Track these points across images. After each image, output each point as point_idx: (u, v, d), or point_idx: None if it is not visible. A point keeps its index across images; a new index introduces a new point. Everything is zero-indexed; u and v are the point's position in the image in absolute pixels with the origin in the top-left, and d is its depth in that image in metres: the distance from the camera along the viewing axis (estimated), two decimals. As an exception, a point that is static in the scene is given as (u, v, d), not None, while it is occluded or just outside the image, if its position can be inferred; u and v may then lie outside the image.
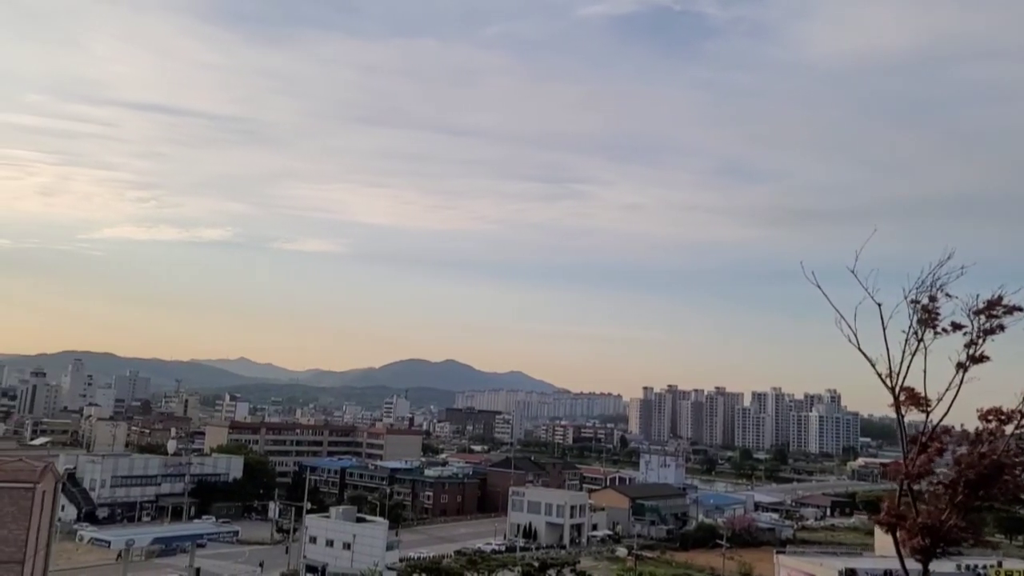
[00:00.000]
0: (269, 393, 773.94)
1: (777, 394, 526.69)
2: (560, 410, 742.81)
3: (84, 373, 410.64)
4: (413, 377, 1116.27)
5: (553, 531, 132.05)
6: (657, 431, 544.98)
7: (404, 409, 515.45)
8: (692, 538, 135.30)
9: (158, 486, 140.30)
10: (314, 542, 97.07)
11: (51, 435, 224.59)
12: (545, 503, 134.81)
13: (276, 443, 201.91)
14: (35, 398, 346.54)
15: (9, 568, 57.84)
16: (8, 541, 58.13)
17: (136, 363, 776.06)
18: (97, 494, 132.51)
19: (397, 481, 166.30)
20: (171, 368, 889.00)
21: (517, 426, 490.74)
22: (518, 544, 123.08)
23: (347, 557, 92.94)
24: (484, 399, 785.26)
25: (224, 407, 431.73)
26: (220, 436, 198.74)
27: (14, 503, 58.88)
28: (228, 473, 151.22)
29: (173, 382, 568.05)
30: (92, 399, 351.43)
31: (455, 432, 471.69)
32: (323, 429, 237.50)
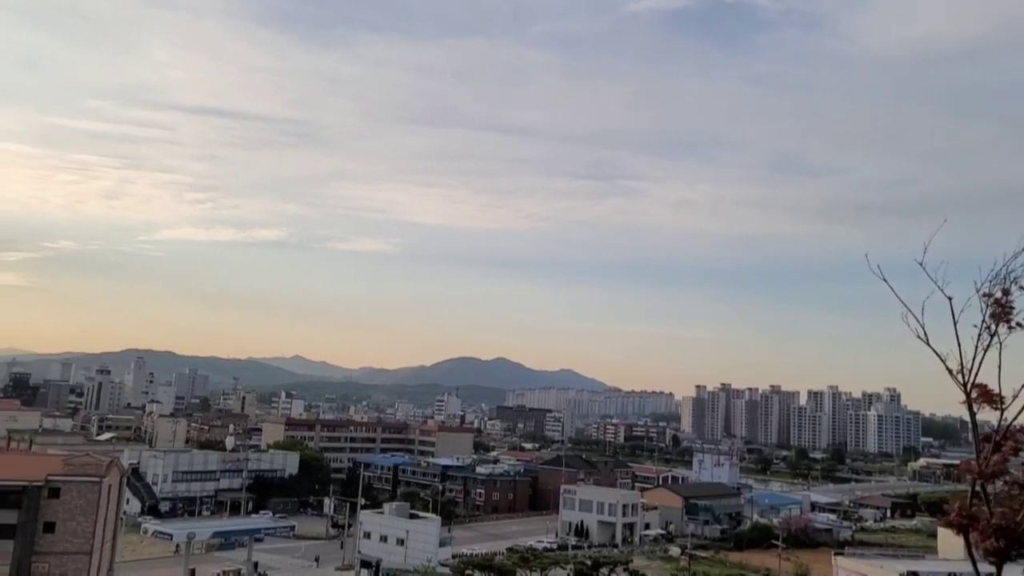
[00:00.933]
0: (323, 391, 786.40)
1: (834, 392, 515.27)
2: (611, 408, 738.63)
3: (146, 371, 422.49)
4: (464, 375, 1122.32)
5: (605, 530, 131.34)
6: (710, 430, 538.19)
7: (455, 407, 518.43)
8: (747, 538, 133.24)
9: (217, 481, 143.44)
10: (368, 538, 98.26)
11: (116, 431, 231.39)
12: (597, 502, 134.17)
13: (331, 440, 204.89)
14: (100, 395, 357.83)
15: (78, 559, 59.88)
16: (77, 533, 60.21)
17: (195, 361, 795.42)
18: (159, 488, 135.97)
19: (449, 478, 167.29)
20: (228, 366, 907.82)
21: (568, 424, 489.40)
22: (570, 542, 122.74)
23: (401, 553, 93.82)
24: (534, 397, 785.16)
25: (280, 404, 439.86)
26: (276, 433, 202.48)
27: (82, 496, 60.97)
28: (284, 469, 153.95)
29: (231, 380, 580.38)
30: (154, 396, 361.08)
31: (506, 430, 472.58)
32: (376, 426, 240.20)
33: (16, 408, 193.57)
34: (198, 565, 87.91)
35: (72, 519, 60.20)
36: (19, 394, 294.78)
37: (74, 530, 60.05)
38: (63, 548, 59.14)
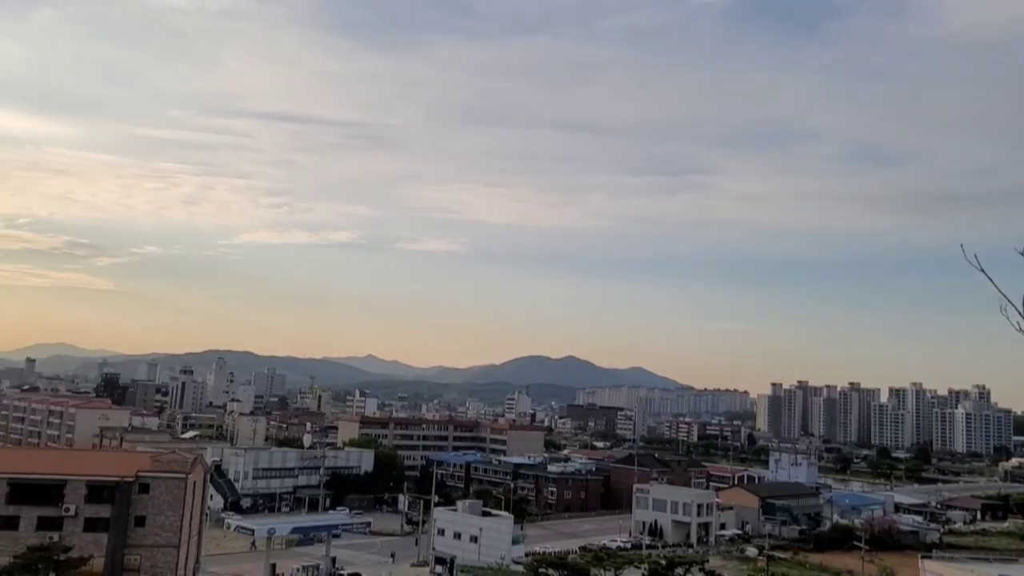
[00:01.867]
0: (396, 389, 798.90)
1: (917, 390, 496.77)
2: (683, 407, 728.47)
3: (226, 371, 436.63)
4: (534, 373, 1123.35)
5: (679, 529, 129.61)
6: (786, 428, 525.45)
7: (525, 405, 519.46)
8: (827, 539, 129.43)
9: (295, 478, 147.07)
10: (442, 534, 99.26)
11: (199, 429, 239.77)
12: (671, 501, 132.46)
13: (404, 437, 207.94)
14: (184, 394, 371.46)
15: (167, 552, 62.21)
16: (165, 527, 62.56)
17: (273, 361, 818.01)
18: (241, 485, 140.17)
19: (521, 476, 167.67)
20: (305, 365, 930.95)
21: (639, 423, 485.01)
22: (644, 542, 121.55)
23: (474, 550, 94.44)
24: (605, 396, 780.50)
25: (354, 403, 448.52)
26: (351, 430, 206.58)
27: (170, 492, 63.33)
28: (360, 466, 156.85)
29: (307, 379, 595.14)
30: (234, 395, 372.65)
31: (576, 428, 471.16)
32: (448, 424, 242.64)
33: (107, 407, 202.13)
34: (278, 560, 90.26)
35: (161, 514, 62.62)
36: (110, 394, 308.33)
37: (163, 524, 62.45)
38: (153, 541, 61.55)
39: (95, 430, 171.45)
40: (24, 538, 57.98)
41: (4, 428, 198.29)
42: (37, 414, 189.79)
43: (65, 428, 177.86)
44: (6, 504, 59.36)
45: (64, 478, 61.24)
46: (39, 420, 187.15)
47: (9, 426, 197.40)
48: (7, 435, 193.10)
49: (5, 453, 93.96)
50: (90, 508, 60.70)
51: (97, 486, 61.34)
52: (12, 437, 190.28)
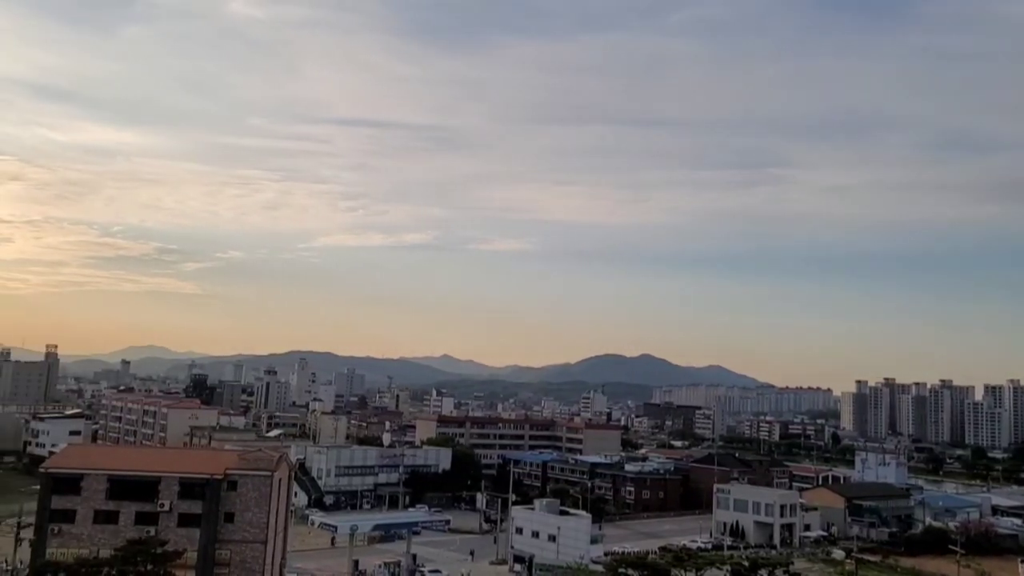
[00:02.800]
0: (471, 388, 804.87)
1: (1015, 387, 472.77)
2: (764, 405, 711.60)
3: (308, 371, 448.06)
4: (609, 372, 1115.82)
5: (762, 530, 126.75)
6: (873, 428, 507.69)
7: (601, 404, 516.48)
8: (919, 542, 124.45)
9: (376, 476, 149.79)
10: (520, 533, 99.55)
11: (283, 428, 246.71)
12: (753, 501, 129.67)
13: (480, 436, 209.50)
14: (268, 394, 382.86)
15: (255, 547, 64.12)
16: (253, 523, 64.47)
17: (352, 361, 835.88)
18: (324, 482, 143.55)
19: (598, 475, 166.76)
20: (383, 365, 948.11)
21: (718, 422, 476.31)
22: (725, 542, 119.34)
23: (552, 549, 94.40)
24: (682, 394, 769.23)
25: (431, 402, 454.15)
26: (429, 429, 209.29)
27: (256, 489, 65.20)
28: (438, 464, 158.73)
29: (385, 378, 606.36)
30: (316, 395, 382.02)
31: (653, 427, 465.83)
32: (524, 423, 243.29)
33: (197, 407, 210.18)
34: (361, 556, 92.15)
35: (248, 510, 64.56)
36: (199, 394, 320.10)
37: (250, 520, 64.38)
38: (241, 537, 63.53)
39: (186, 429, 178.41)
40: (124, 532, 60.71)
41: (103, 427, 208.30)
42: (132, 414, 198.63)
43: (158, 427, 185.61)
44: (106, 499, 62.22)
45: (159, 475, 63.80)
46: (134, 419, 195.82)
47: (107, 425, 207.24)
48: (106, 433, 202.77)
49: (105, 451, 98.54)
50: (183, 504, 63.06)
51: (189, 483, 63.65)
52: (110, 435, 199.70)
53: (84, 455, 73.24)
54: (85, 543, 60.32)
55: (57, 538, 60.59)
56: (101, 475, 62.97)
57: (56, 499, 61.84)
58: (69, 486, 62.30)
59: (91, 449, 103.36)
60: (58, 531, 60.76)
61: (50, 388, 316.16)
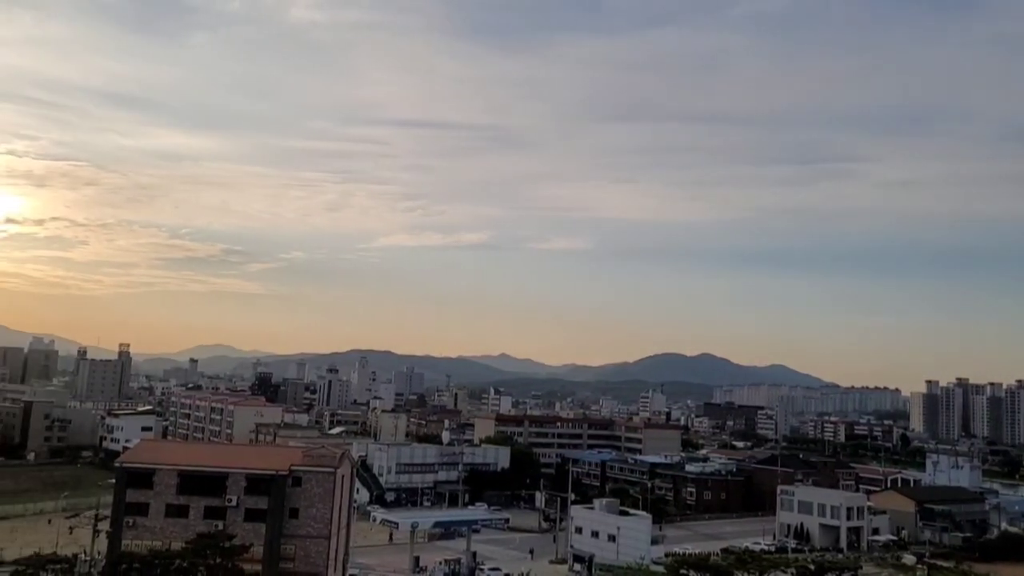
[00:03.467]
0: (529, 387, 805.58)
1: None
2: (829, 405, 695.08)
3: (369, 370, 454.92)
4: (668, 371, 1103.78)
5: (827, 533, 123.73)
6: (944, 429, 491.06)
7: (660, 403, 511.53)
8: (994, 548, 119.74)
9: (435, 473, 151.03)
10: (580, 532, 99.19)
11: (345, 425, 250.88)
12: (818, 503, 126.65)
13: (538, 435, 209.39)
14: (330, 392, 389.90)
15: (319, 542, 65.32)
16: (317, 519, 65.71)
17: (411, 360, 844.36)
18: (385, 479, 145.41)
19: (658, 476, 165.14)
20: (441, 364, 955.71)
21: (781, 422, 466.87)
22: (789, 545, 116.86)
23: (612, 549, 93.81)
24: (743, 394, 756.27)
25: (489, 401, 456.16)
26: (487, 428, 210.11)
27: (320, 485, 66.42)
28: (496, 463, 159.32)
29: (443, 377, 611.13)
30: (376, 393, 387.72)
31: (714, 427, 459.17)
32: (582, 422, 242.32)
33: (262, 404, 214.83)
34: (421, 553, 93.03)
35: (312, 506, 65.83)
36: (263, 391, 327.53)
37: (314, 516, 65.64)
38: (305, 532, 64.82)
39: (251, 426, 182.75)
40: (193, 525, 62.57)
41: (173, 423, 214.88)
42: (201, 411, 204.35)
43: (225, 424, 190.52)
44: (177, 494, 64.19)
45: (226, 471, 65.53)
46: (203, 416, 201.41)
47: (177, 422, 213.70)
48: (175, 430, 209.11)
49: (175, 447, 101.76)
50: (250, 499, 64.62)
51: (255, 479, 65.20)
52: (180, 432, 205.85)
53: (156, 451, 75.68)
54: (158, 536, 62.34)
55: (132, 530, 62.74)
56: (172, 470, 65.02)
57: (130, 493, 64.07)
58: (142, 481, 64.47)
59: (162, 445, 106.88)
60: (133, 523, 62.91)
61: (123, 386, 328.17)
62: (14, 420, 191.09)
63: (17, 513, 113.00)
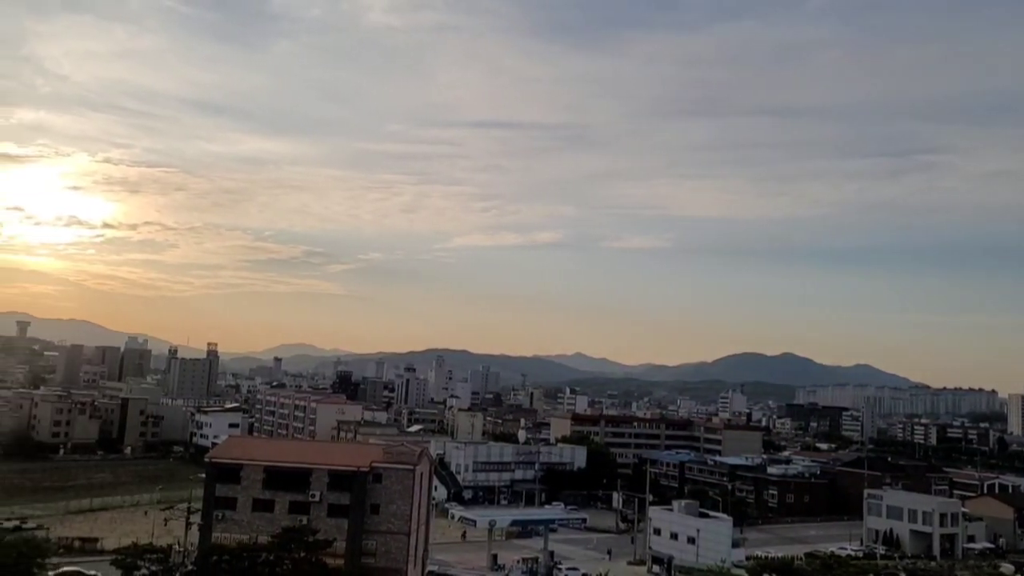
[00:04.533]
0: (605, 387, 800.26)
1: None
2: (918, 407, 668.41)
3: (445, 368, 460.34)
4: (748, 371, 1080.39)
5: (919, 540, 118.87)
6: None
7: (740, 404, 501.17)
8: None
9: (512, 472, 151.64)
10: (658, 534, 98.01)
11: (422, 423, 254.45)
12: (908, 509, 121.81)
13: (615, 435, 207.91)
14: (408, 390, 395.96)
15: (399, 538, 66.30)
16: (397, 515, 66.72)
17: (487, 359, 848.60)
18: (462, 477, 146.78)
19: (738, 478, 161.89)
20: (516, 363, 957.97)
21: (867, 424, 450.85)
22: (878, 551, 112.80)
23: (691, 551, 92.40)
24: (827, 394, 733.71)
25: (565, 400, 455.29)
26: (563, 427, 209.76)
27: (399, 482, 67.42)
28: (573, 462, 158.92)
29: (519, 376, 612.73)
30: (452, 392, 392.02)
31: (796, 429, 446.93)
32: (659, 423, 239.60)
33: (343, 402, 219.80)
34: (499, 551, 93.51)
35: (392, 502, 66.89)
36: (344, 390, 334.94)
37: (394, 512, 66.68)
38: (386, 528, 65.91)
39: (333, 423, 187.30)
40: (279, 520, 64.37)
41: (258, 420, 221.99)
42: (285, 408, 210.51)
43: (308, 421, 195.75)
44: (263, 489, 66.16)
45: (310, 467, 67.19)
46: (286, 414, 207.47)
47: (262, 418, 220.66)
48: (260, 426, 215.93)
49: (261, 443, 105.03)
50: (332, 495, 66.09)
51: (337, 475, 66.64)
52: (265, 428, 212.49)
53: (243, 447, 78.22)
54: (245, 529, 64.39)
55: (221, 523, 64.99)
56: (258, 466, 67.04)
57: (219, 487, 66.33)
58: (230, 476, 66.68)
59: (249, 441, 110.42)
60: (222, 517, 65.17)
61: (211, 383, 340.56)
62: (112, 416, 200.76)
63: (116, 504, 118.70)
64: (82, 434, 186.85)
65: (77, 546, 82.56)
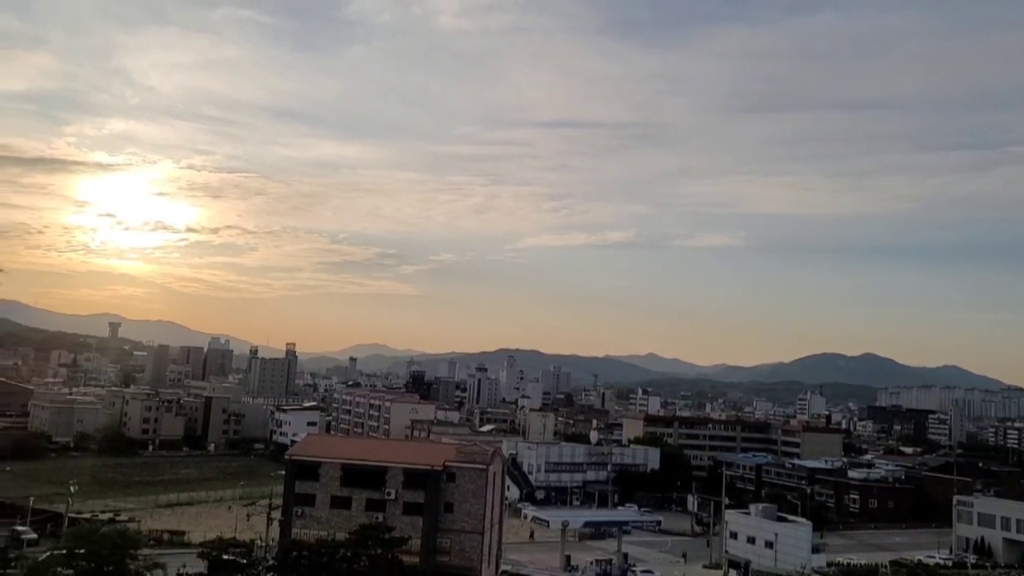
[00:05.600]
0: (677, 387, 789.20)
1: None
2: (1012, 410, 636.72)
3: (516, 368, 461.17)
4: (826, 372, 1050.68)
5: (1014, 549, 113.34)
6: None
7: (819, 406, 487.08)
8: None
9: (584, 473, 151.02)
10: (735, 538, 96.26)
11: (494, 423, 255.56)
12: (1001, 516, 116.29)
13: (689, 437, 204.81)
14: (480, 390, 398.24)
15: (472, 537, 66.83)
16: (470, 514, 67.27)
17: (557, 359, 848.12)
18: (534, 478, 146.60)
19: (818, 481, 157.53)
20: (587, 363, 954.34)
21: (955, 427, 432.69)
22: (968, 560, 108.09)
23: (769, 556, 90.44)
24: (911, 396, 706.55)
25: (637, 401, 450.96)
26: (636, 428, 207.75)
27: (472, 481, 67.97)
28: (646, 464, 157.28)
29: (590, 377, 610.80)
30: (524, 392, 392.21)
31: (878, 432, 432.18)
32: (735, 424, 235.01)
33: (416, 402, 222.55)
34: (572, 552, 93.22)
35: (466, 501, 67.47)
36: (417, 389, 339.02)
37: (468, 511, 67.24)
38: (460, 527, 66.53)
39: (407, 422, 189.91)
40: (356, 517, 65.69)
41: (335, 419, 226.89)
42: (360, 407, 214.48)
43: (382, 420, 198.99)
44: (340, 486, 67.62)
45: (386, 465, 68.35)
46: (362, 413, 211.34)
47: (338, 417, 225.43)
48: (337, 425, 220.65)
49: (338, 441, 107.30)
50: (407, 493, 67.08)
51: (412, 473, 67.60)
52: (341, 427, 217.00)
53: (321, 445, 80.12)
54: (323, 525, 65.92)
55: (300, 520, 66.70)
56: (336, 464, 68.55)
57: (299, 484, 68.10)
58: (309, 473, 68.38)
59: (327, 439, 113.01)
60: (301, 513, 66.88)
61: (290, 383, 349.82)
62: (196, 414, 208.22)
63: (201, 499, 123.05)
64: (169, 431, 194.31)
65: (166, 539, 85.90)
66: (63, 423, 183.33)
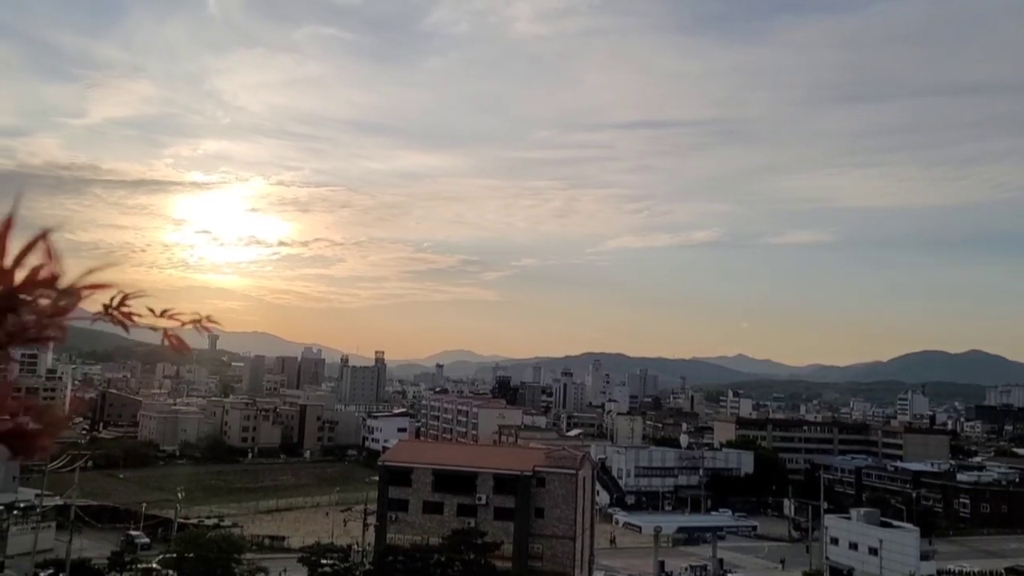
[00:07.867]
0: (769, 389, 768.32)
1: None
2: None
3: (602, 372, 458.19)
4: (928, 370, 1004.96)
5: None
6: None
7: (922, 406, 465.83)
8: None
9: (675, 477, 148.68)
10: (835, 543, 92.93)
11: (581, 427, 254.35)
12: None
13: (783, 439, 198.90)
14: (566, 395, 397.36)
15: (564, 543, 66.66)
16: (561, 519, 67.15)
17: (644, 362, 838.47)
18: (624, 482, 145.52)
19: (923, 485, 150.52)
20: (674, 365, 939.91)
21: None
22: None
23: (874, 563, 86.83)
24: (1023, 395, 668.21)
25: (727, 403, 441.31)
26: (727, 431, 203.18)
27: (562, 486, 67.86)
28: (739, 468, 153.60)
29: (677, 379, 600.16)
30: (610, 395, 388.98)
31: (989, 433, 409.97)
32: (831, 426, 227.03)
33: (503, 407, 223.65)
34: (665, 558, 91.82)
35: (556, 506, 67.39)
36: (503, 394, 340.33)
37: (559, 516, 67.14)
38: (551, 532, 66.47)
39: (494, 427, 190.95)
40: (448, 522, 66.44)
41: (423, 425, 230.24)
42: (448, 413, 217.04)
43: (470, 425, 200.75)
44: (432, 492, 68.57)
45: (476, 471, 68.94)
46: (450, 418, 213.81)
47: (427, 423, 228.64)
48: (426, 431, 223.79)
49: (428, 447, 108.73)
50: (497, 499, 67.47)
51: (502, 478, 67.98)
52: (430, 433, 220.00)
53: (412, 450, 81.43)
54: (417, 530, 66.93)
55: (394, 524, 67.93)
56: (427, 469, 69.55)
57: (392, 490, 69.41)
58: (402, 479, 69.60)
59: (417, 445, 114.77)
60: (395, 519, 68.10)
61: (380, 390, 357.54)
62: (292, 422, 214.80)
63: (298, 505, 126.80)
64: (266, 439, 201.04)
65: (267, 544, 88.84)
66: (169, 432, 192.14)
